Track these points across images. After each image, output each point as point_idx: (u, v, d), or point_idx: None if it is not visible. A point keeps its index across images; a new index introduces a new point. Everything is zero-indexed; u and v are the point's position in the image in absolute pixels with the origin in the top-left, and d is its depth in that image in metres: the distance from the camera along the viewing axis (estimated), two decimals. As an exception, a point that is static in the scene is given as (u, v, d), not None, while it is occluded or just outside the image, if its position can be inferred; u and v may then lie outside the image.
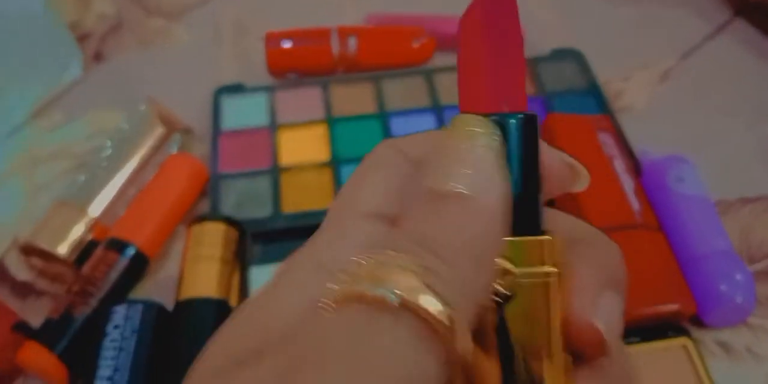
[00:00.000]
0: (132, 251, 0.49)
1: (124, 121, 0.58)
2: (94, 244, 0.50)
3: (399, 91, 0.60)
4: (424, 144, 0.24)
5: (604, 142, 0.52)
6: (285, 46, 0.61)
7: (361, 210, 0.23)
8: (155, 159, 0.55)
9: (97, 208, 0.52)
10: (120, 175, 0.54)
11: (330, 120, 0.58)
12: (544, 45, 0.62)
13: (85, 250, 0.50)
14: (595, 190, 0.49)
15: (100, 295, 0.47)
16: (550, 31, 0.65)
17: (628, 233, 0.47)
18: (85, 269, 0.48)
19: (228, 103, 0.60)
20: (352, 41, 0.61)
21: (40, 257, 0.51)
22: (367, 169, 0.24)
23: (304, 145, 0.57)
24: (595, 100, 0.58)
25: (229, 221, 0.50)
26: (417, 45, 0.62)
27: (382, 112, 0.59)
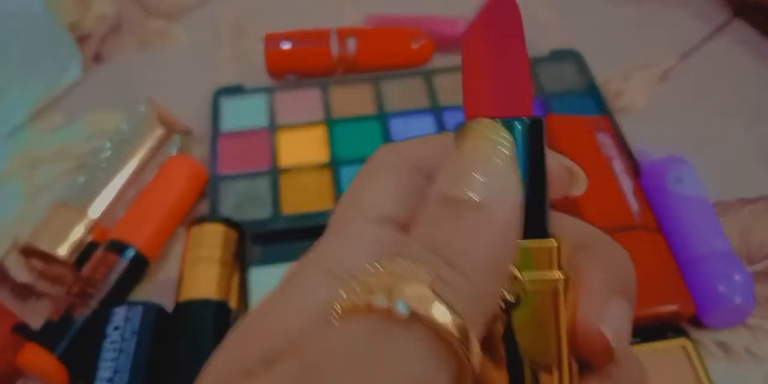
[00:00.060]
0: (132, 253, 0.49)
1: (123, 123, 0.58)
2: (94, 245, 0.50)
3: (398, 92, 0.60)
4: (425, 148, 0.24)
5: (603, 143, 0.52)
6: (284, 47, 0.61)
7: (367, 214, 0.23)
8: (155, 160, 0.56)
9: (96, 210, 0.52)
10: (120, 177, 0.54)
11: (329, 121, 0.58)
12: (543, 45, 0.62)
13: (85, 251, 0.50)
14: (593, 191, 0.49)
15: (100, 296, 0.47)
16: (550, 31, 0.65)
17: (627, 234, 0.47)
18: (85, 271, 0.48)
19: (227, 104, 0.60)
20: (351, 42, 0.61)
21: (40, 259, 0.51)
22: (370, 173, 0.24)
23: (303, 147, 0.57)
24: (593, 100, 0.58)
25: (228, 222, 0.50)
26: (416, 46, 0.62)
27: (381, 113, 0.59)
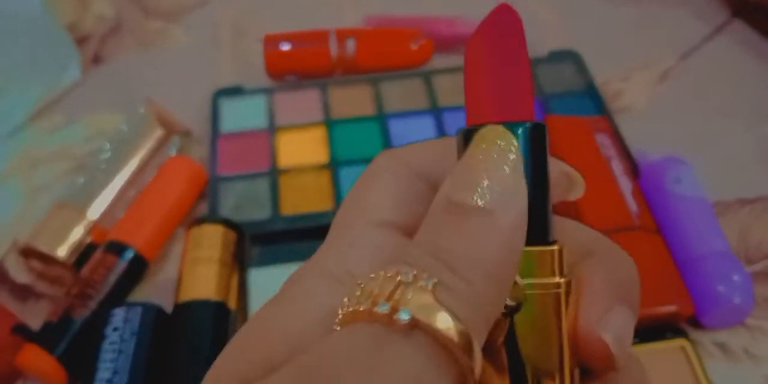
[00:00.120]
0: (131, 254, 0.49)
1: (123, 123, 0.58)
2: (93, 246, 0.51)
3: (397, 93, 0.60)
4: (425, 153, 0.24)
5: (602, 144, 0.52)
6: (283, 48, 0.61)
7: (368, 218, 0.23)
8: (154, 161, 0.56)
9: (96, 211, 0.52)
10: (119, 178, 0.54)
11: (329, 122, 0.58)
12: (543, 45, 0.62)
13: (84, 252, 0.51)
14: (592, 191, 0.49)
15: (99, 297, 0.47)
16: (550, 32, 0.65)
17: (626, 235, 0.47)
18: (85, 272, 0.49)
19: (227, 105, 0.60)
20: (351, 43, 0.61)
21: (40, 260, 0.51)
22: (370, 177, 0.24)
23: (302, 147, 0.57)
24: (592, 101, 0.58)
25: (227, 223, 0.50)
26: (415, 47, 0.62)
27: (380, 114, 0.59)
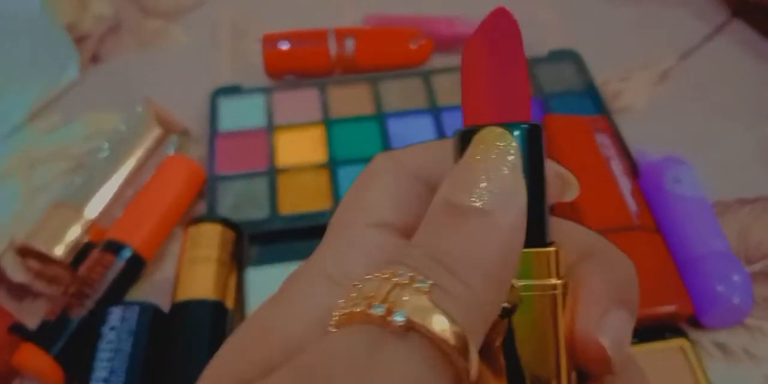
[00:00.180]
0: (128, 253, 0.49)
1: (121, 123, 0.58)
2: (91, 245, 0.50)
3: (396, 93, 0.60)
4: (423, 155, 0.24)
5: (602, 143, 0.52)
6: (282, 47, 0.61)
7: (366, 219, 0.22)
8: (152, 160, 0.55)
9: (93, 210, 0.52)
10: (117, 177, 0.54)
11: (327, 121, 0.58)
12: (543, 45, 0.62)
13: (81, 251, 0.50)
14: (592, 191, 0.49)
15: (97, 296, 0.47)
16: (549, 32, 0.65)
17: (625, 235, 0.47)
18: (82, 271, 0.48)
19: (225, 104, 0.60)
20: (350, 42, 0.61)
21: (37, 259, 0.51)
22: (368, 179, 0.24)
23: (301, 147, 0.57)
24: (592, 101, 0.58)
25: (226, 223, 0.50)
26: (414, 46, 0.62)
27: (379, 113, 0.59)
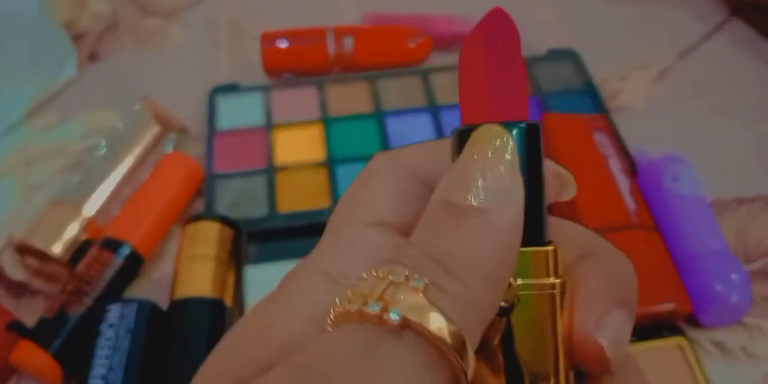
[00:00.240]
0: (127, 250, 0.49)
1: (119, 121, 0.58)
2: (89, 243, 0.50)
3: (395, 91, 0.60)
4: (422, 155, 0.24)
5: (600, 142, 0.52)
6: (281, 45, 0.61)
7: (364, 218, 0.22)
8: (150, 158, 0.55)
9: (91, 208, 0.52)
10: (115, 175, 0.54)
11: (326, 120, 0.58)
12: (542, 44, 0.62)
13: (79, 249, 0.50)
14: (590, 190, 0.49)
15: (95, 294, 0.47)
16: (548, 31, 0.65)
17: (623, 233, 0.47)
18: (80, 268, 0.48)
19: (223, 102, 0.60)
20: (348, 41, 0.61)
21: (35, 257, 0.51)
22: (367, 178, 0.24)
23: (299, 145, 0.57)
24: (590, 100, 0.58)
25: (224, 221, 0.50)
26: (413, 45, 0.62)
27: (378, 111, 0.59)
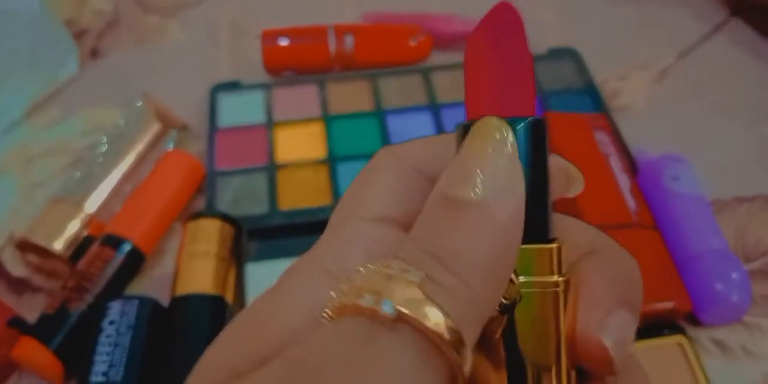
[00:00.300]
0: (128, 247, 0.49)
1: (120, 118, 0.58)
2: (90, 240, 0.50)
3: (396, 89, 0.60)
4: (425, 150, 0.24)
5: (601, 141, 0.52)
6: (282, 43, 0.61)
7: (366, 213, 0.22)
8: (151, 156, 0.55)
9: (93, 205, 0.52)
10: (116, 172, 0.54)
11: (326, 118, 0.58)
12: (542, 44, 0.62)
13: (80, 246, 0.50)
14: (591, 188, 0.49)
15: (96, 290, 0.47)
16: (549, 30, 0.65)
17: (624, 232, 0.47)
18: (81, 265, 0.48)
19: (224, 100, 0.60)
20: (349, 39, 0.61)
21: (36, 253, 0.51)
22: (370, 174, 0.24)
23: (300, 143, 0.57)
24: (591, 99, 0.58)
25: (225, 218, 0.50)
26: (414, 43, 0.62)
27: (378, 110, 0.59)
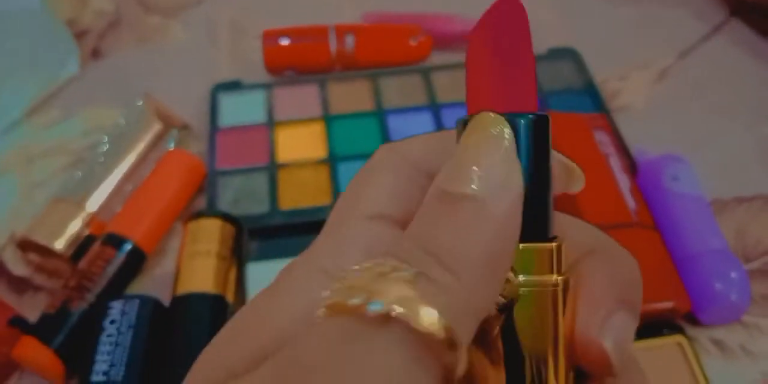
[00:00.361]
0: (129, 247, 0.49)
1: (121, 118, 0.58)
2: (91, 239, 0.50)
3: (396, 89, 0.60)
4: (425, 146, 0.24)
5: (601, 141, 0.52)
6: (282, 43, 0.61)
7: (364, 212, 0.22)
8: (152, 155, 0.56)
9: (94, 204, 0.52)
10: (117, 171, 0.54)
11: (327, 117, 0.58)
12: (542, 44, 0.62)
13: (82, 245, 0.50)
14: (591, 188, 0.49)
15: (97, 290, 0.47)
16: (549, 30, 0.65)
17: (623, 231, 0.47)
18: (82, 264, 0.48)
19: (225, 99, 0.60)
20: (350, 39, 0.61)
21: (37, 252, 0.51)
22: (368, 172, 0.23)
23: (301, 143, 0.57)
24: (591, 99, 0.58)
25: (226, 217, 0.50)
26: (414, 43, 0.62)
27: (379, 109, 0.59)
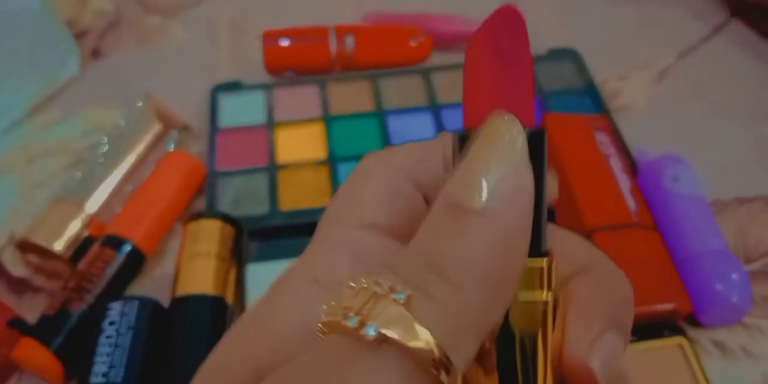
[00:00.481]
0: (128, 248, 0.49)
1: (121, 118, 0.58)
2: (91, 240, 0.50)
3: (396, 90, 0.60)
4: (413, 155, 0.23)
5: (601, 141, 0.52)
6: (282, 44, 0.61)
7: (353, 221, 0.22)
8: (152, 156, 0.55)
9: (93, 205, 0.52)
10: (117, 172, 0.54)
11: (327, 118, 0.58)
12: (542, 44, 0.62)
13: (81, 246, 0.50)
14: (591, 189, 0.49)
15: (97, 291, 0.47)
16: (549, 30, 0.65)
17: (624, 232, 0.47)
18: (82, 265, 0.48)
19: (225, 100, 0.60)
20: (350, 40, 0.61)
21: (37, 253, 0.51)
22: (357, 180, 0.23)
23: (301, 143, 0.57)
24: (591, 99, 0.58)
25: (225, 218, 0.50)
26: (414, 44, 0.62)
27: (379, 110, 0.59)
